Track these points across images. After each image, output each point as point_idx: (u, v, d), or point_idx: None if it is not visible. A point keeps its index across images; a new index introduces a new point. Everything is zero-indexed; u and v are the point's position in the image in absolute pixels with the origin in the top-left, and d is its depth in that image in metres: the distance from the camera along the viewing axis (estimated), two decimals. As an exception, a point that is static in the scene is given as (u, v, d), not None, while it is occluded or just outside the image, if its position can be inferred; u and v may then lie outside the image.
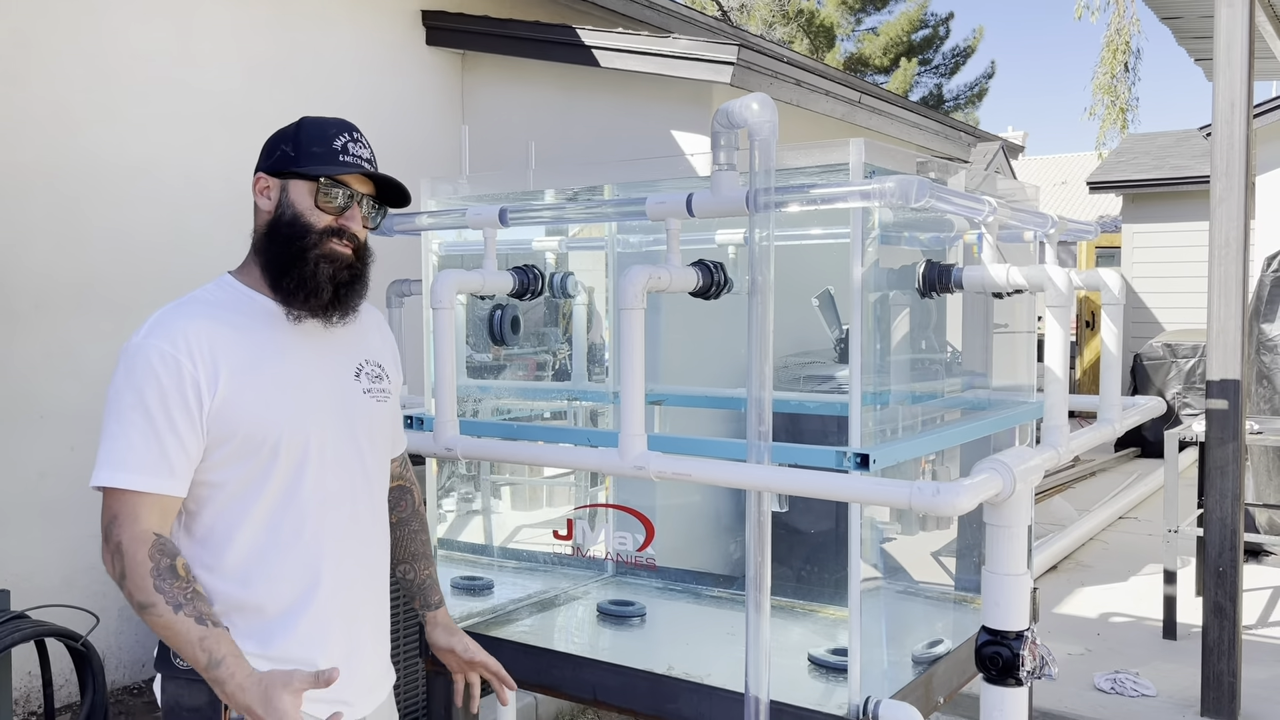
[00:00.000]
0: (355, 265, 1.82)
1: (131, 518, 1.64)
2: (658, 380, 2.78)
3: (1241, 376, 3.94)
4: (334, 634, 1.81)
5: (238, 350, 1.73)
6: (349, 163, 1.79)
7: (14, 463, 4.14)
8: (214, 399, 1.69)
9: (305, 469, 1.77)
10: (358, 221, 1.82)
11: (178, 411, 1.67)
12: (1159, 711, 4.04)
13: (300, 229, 1.78)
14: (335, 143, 1.80)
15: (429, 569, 2.13)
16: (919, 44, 24.75)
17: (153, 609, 1.61)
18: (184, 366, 1.68)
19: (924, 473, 2.49)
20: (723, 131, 2.05)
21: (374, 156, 1.86)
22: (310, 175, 1.78)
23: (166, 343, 1.69)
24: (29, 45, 4.16)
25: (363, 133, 1.87)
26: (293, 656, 1.75)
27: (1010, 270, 2.20)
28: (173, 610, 1.61)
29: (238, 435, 1.71)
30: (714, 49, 5.05)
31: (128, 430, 1.66)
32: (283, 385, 1.76)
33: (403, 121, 5.71)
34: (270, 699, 1.58)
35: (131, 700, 4.32)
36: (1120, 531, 7.29)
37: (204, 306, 1.78)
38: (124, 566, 1.62)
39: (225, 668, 1.60)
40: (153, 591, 1.61)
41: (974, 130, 8.27)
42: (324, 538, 1.80)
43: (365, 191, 1.83)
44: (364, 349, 1.94)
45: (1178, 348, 10.23)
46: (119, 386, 1.69)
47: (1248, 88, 3.93)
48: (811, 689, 2.27)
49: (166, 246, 4.57)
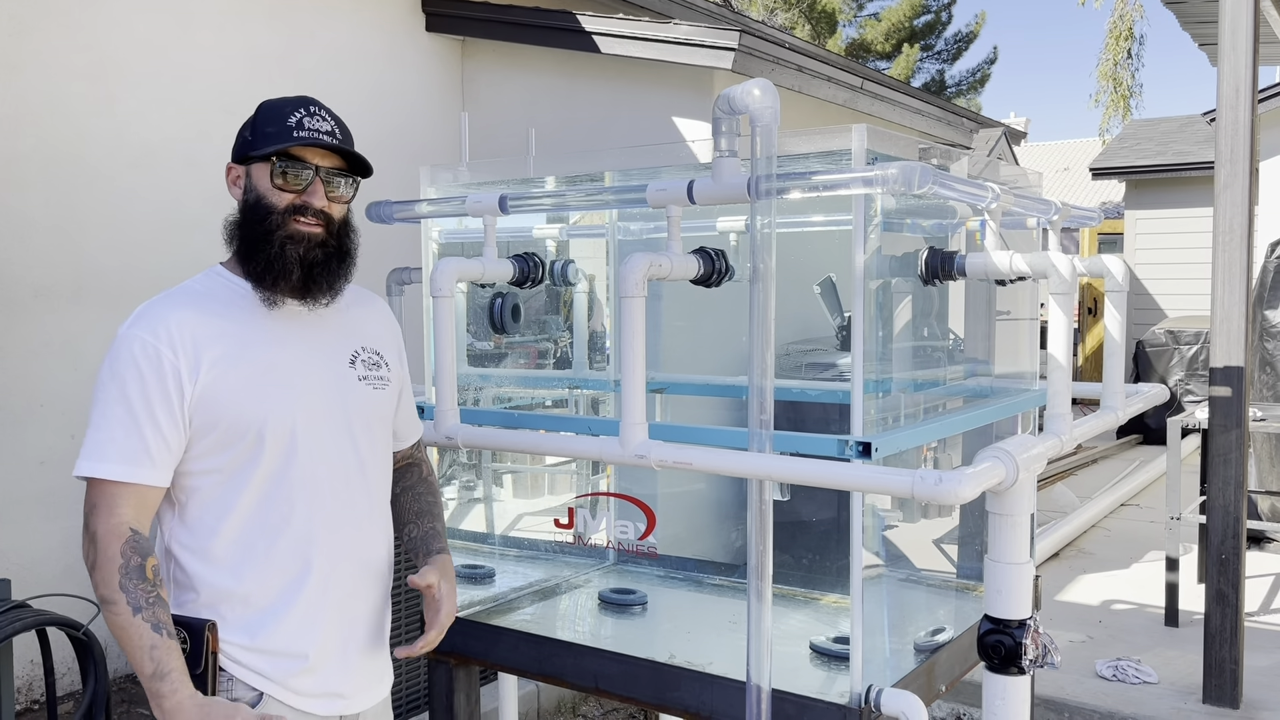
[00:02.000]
0: (329, 243, 1.78)
1: (108, 509, 1.65)
2: (659, 368, 2.77)
3: (1245, 363, 3.93)
4: (325, 625, 1.79)
5: (221, 340, 1.73)
6: (304, 137, 1.75)
7: (14, 452, 4.13)
8: (195, 388, 1.69)
9: (293, 457, 1.75)
10: (320, 196, 1.78)
11: (158, 402, 1.67)
12: (1161, 698, 4.04)
13: (263, 211, 1.76)
14: (290, 119, 1.76)
15: (434, 523, 2.05)
16: (921, 29, 24.64)
17: (113, 606, 1.62)
18: (164, 356, 1.68)
19: (926, 460, 2.49)
20: (724, 118, 2.03)
21: (338, 128, 1.80)
22: (265, 155, 1.76)
23: (148, 333, 1.69)
24: (27, 32, 4.14)
25: (325, 106, 1.82)
26: (281, 648, 1.75)
27: (1013, 257, 2.19)
28: (131, 612, 1.61)
29: (220, 425, 1.71)
30: (715, 35, 5.03)
31: (109, 421, 1.67)
32: (268, 374, 1.75)
33: (402, 108, 5.69)
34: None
35: (134, 688, 4.32)
36: (1122, 519, 7.29)
37: (190, 296, 1.77)
38: (96, 557, 1.64)
39: (169, 682, 1.59)
40: (117, 589, 1.62)
41: (976, 116, 8.23)
42: (315, 526, 1.78)
43: (328, 165, 1.79)
44: (360, 336, 1.91)
45: (1181, 334, 10.21)
46: (103, 377, 1.70)
47: (1252, 73, 3.91)
48: (813, 677, 2.26)
49: (165, 235, 4.56)
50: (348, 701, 1.84)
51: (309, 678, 1.77)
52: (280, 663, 1.75)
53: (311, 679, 1.78)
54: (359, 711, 1.87)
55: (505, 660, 2.57)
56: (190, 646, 1.69)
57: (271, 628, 1.75)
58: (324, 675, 1.79)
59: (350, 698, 1.84)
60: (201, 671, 1.68)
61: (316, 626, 1.78)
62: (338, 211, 1.81)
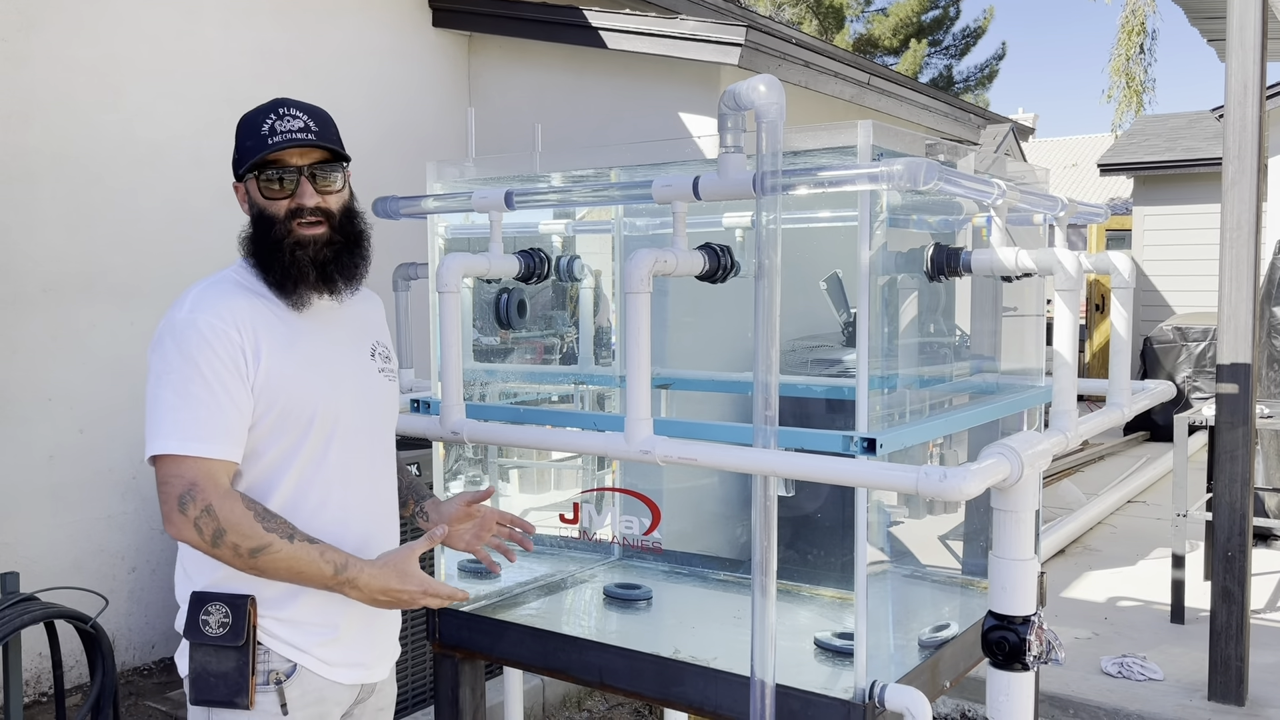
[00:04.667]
0: (335, 239, 1.83)
1: (212, 481, 1.69)
2: (664, 364, 2.77)
3: (1252, 360, 3.92)
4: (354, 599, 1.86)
5: (275, 327, 1.79)
6: (278, 142, 1.78)
7: (23, 446, 4.15)
8: (258, 372, 1.75)
9: (331, 443, 1.83)
10: (310, 193, 1.81)
11: (233, 381, 1.72)
12: (1166, 695, 4.04)
13: (266, 223, 1.82)
14: (263, 127, 1.80)
15: (409, 478, 2.20)
16: (929, 25, 24.54)
17: (268, 549, 1.68)
18: (233, 338, 1.73)
19: (931, 457, 2.48)
20: (729, 113, 2.03)
21: (311, 119, 1.82)
22: (251, 169, 1.81)
23: (214, 316, 1.74)
24: (35, 28, 4.15)
25: (296, 102, 1.83)
26: (313, 619, 1.82)
27: (1019, 253, 2.18)
28: (287, 542, 1.69)
29: (276, 408, 1.77)
30: (722, 30, 5.02)
31: (190, 401, 1.70)
32: (315, 362, 1.83)
33: (408, 103, 5.70)
34: (404, 572, 1.76)
35: (141, 681, 4.35)
36: (1129, 515, 7.27)
37: (237, 286, 1.82)
38: (220, 524, 1.66)
39: (352, 568, 1.73)
40: (264, 533, 1.68)
41: (984, 112, 8.21)
42: (350, 507, 1.87)
43: (309, 161, 1.81)
44: (371, 330, 2.00)
45: (1188, 331, 10.17)
46: (170, 359, 1.72)
47: (1261, 69, 3.89)
48: (818, 673, 2.27)
49: (173, 230, 4.57)
50: (369, 671, 1.93)
51: (337, 648, 1.85)
52: (312, 633, 1.82)
53: (340, 649, 1.86)
54: (376, 681, 1.97)
55: (510, 655, 2.58)
56: (232, 620, 1.76)
57: (305, 600, 1.81)
58: (350, 646, 1.87)
59: (371, 667, 1.93)
60: (244, 644, 1.75)
61: (346, 601, 1.83)
62: (335, 203, 1.84)
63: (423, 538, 1.84)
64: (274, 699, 1.78)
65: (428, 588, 1.77)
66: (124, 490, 4.45)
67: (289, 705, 1.78)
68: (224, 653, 1.76)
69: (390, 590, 1.75)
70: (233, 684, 1.75)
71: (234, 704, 1.75)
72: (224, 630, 1.76)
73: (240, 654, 1.75)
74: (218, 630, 1.75)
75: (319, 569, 1.70)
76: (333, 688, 1.85)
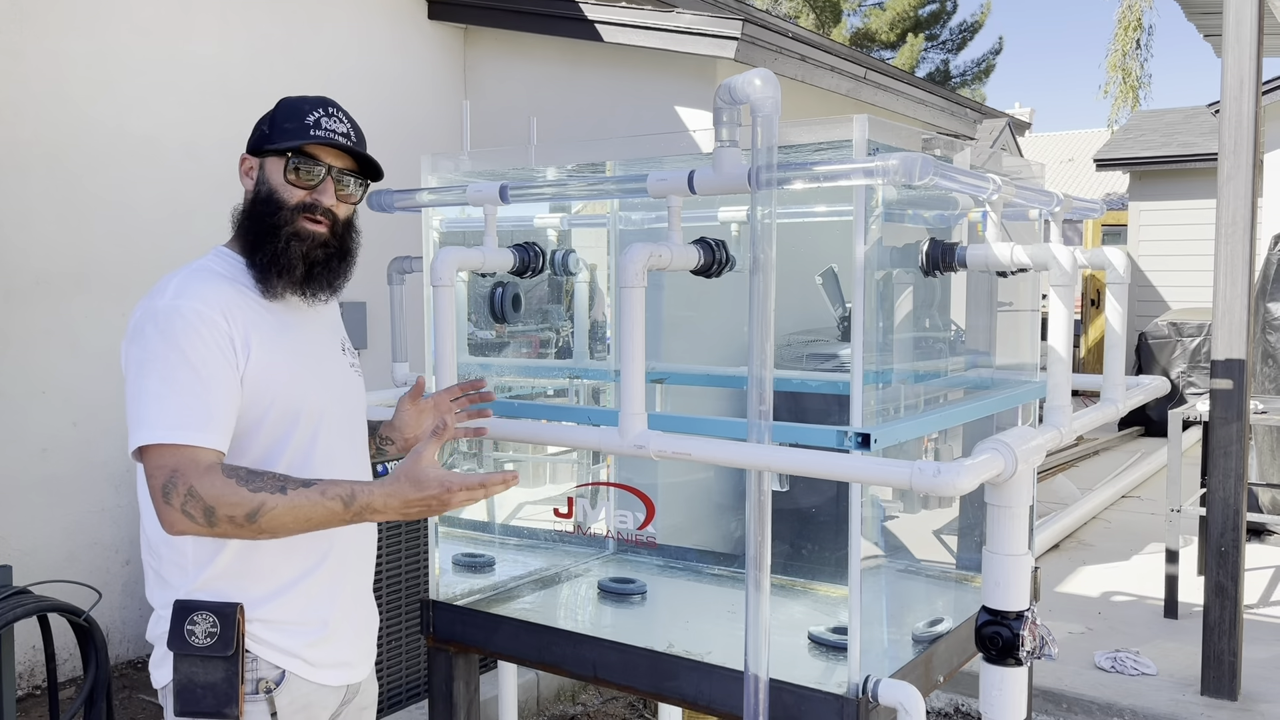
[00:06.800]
0: (330, 243, 1.82)
1: (193, 464, 1.60)
2: (659, 358, 2.77)
3: (1247, 356, 3.92)
4: (341, 595, 1.87)
5: (262, 318, 1.77)
6: (320, 136, 1.78)
7: (16, 439, 4.14)
8: (249, 363, 1.72)
9: (317, 437, 1.82)
10: (330, 195, 1.81)
11: (222, 369, 1.68)
12: (1159, 690, 4.05)
13: (273, 205, 1.79)
14: (308, 118, 1.79)
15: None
16: (926, 19, 24.53)
17: (263, 508, 1.58)
18: (220, 326, 1.69)
19: (926, 452, 2.49)
20: (725, 108, 2.02)
21: (353, 131, 1.84)
22: (281, 150, 1.79)
23: (200, 303, 1.69)
24: (29, 19, 4.13)
25: (343, 108, 1.86)
26: (300, 617, 1.79)
27: (1014, 249, 2.18)
28: (282, 495, 1.59)
29: (265, 400, 1.74)
30: (718, 24, 5.01)
31: (176, 389, 1.63)
32: (303, 357, 1.82)
33: (404, 96, 5.68)
34: (417, 479, 1.61)
35: (135, 674, 4.34)
36: (1123, 510, 7.29)
37: (217, 276, 1.79)
38: (207, 502, 1.58)
39: (361, 495, 1.61)
40: (253, 495, 1.58)
41: (980, 107, 8.20)
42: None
43: (340, 165, 1.82)
44: (338, 326, 2.01)
45: (1183, 326, 10.19)
46: (153, 347, 1.66)
47: (1257, 65, 3.89)
48: (811, 667, 2.27)
49: (166, 222, 4.56)
50: (354, 670, 1.92)
51: (325, 647, 1.83)
52: (301, 634, 1.79)
53: (327, 648, 1.84)
54: (359, 680, 1.95)
55: (505, 649, 2.58)
56: (220, 630, 1.71)
57: (291, 595, 1.79)
58: (338, 644, 1.86)
59: (356, 665, 1.92)
60: (233, 654, 1.71)
61: (334, 597, 1.83)
62: (344, 211, 1.85)
63: (425, 439, 1.70)
64: (264, 708, 1.74)
65: (449, 483, 1.62)
66: (118, 483, 4.44)
67: (279, 713, 1.75)
68: (212, 663, 1.71)
69: (410, 500, 1.62)
70: (221, 695, 1.71)
71: (222, 715, 1.71)
72: (212, 640, 1.71)
73: (229, 664, 1.70)
74: (205, 640, 1.71)
75: (327, 508, 1.60)
76: (320, 692, 1.83)
